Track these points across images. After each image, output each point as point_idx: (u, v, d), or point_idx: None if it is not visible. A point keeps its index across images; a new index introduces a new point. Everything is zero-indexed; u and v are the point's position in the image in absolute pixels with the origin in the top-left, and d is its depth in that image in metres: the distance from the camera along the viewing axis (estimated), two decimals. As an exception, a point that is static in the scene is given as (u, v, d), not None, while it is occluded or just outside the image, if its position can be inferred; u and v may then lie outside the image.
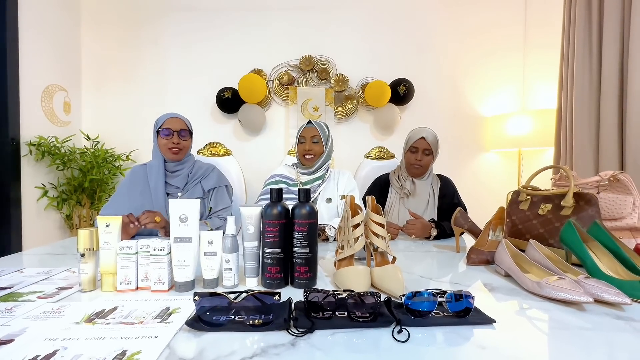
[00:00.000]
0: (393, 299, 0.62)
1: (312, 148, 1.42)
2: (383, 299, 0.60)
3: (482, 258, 0.94)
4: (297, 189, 1.33)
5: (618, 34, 1.73)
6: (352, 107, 2.58)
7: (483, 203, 2.07)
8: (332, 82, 2.57)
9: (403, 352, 0.48)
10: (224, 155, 1.87)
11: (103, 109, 2.60)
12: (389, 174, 1.60)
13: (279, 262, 0.74)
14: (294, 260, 0.75)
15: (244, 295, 0.58)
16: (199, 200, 0.77)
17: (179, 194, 1.31)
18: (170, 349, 0.49)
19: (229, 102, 2.49)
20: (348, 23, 2.61)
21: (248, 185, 1.95)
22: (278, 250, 0.74)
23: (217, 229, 1.23)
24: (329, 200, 1.43)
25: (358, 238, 0.80)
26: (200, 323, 0.55)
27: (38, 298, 0.67)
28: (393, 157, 2.00)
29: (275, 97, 2.62)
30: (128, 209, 1.25)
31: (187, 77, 2.60)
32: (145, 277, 0.73)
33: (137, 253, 0.72)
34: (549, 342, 0.52)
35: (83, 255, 0.71)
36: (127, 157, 2.50)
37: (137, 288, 0.73)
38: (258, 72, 2.56)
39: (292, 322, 0.55)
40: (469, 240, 1.29)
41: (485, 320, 0.57)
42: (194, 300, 0.56)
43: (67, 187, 2.33)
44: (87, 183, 2.25)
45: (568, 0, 2.00)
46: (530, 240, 0.85)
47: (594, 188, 1.06)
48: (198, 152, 1.87)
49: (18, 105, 2.07)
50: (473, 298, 0.58)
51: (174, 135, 1.31)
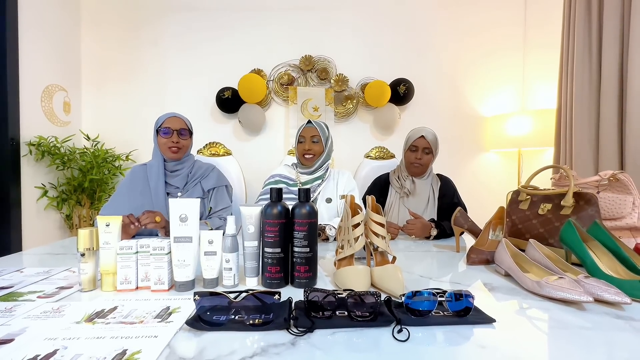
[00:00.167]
0: (393, 299, 0.62)
1: (311, 148, 1.42)
2: (383, 299, 0.60)
3: (482, 258, 0.94)
4: (297, 189, 1.34)
5: (618, 34, 1.73)
6: (352, 107, 2.58)
7: (483, 203, 2.07)
8: (332, 82, 2.57)
9: (403, 351, 0.48)
10: (224, 155, 1.88)
11: (103, 109, 2.60)
12: (389, 174, 1.60)
13: (279, 261, 0.74)
14: (294, 260, 0.75)
15: (244, 295, 0.58)
16: (199, 200, 0.77)
17: (179, 194, 1.31)
18: (171, 349, 0.49)
19: (229, 102, 2.49)
20: (348, 23, 2.61)
21: (248, 185, 1.95)
22: (278, 250, 0.74)
23: (217, 229, 1.24)
24: (329, 200, 1.43)
25: (358, 238, 0.80)
26: (201, 322, 0.55)
27: (38, 298, 0.67)
28: (393, 157, 2.00)
29: (275, 97, 2.62)
30: (128, 209, 1.25)
31: (187, 77, 2.60)
32: (145, 276, 0.73)
33: (137, 253, 0.72)
34: (549, 341, 0.53)
35: (83, 255, 0.71)
36: (127, 157, 2.50)
37: (137, 288, 0.73)
38: (258, 72, 2.56)
39: (292, 321, 0.55)
40: (469, 240, 1.29)
41: (485, 320, 0.57)
42: (194, 300, 0.56)
43: (67, 187, 2.33)
44: (87, 183, 2.25)
45: (568, 0, 2.00)
46: (530, 240, 0.85)
47: (594, 188, 1.06)
48: (198, 152, 1.87)
49: (18, 105, 2.07)
50: (473, 297, 0.58)
51: (174, 135, 1.31)
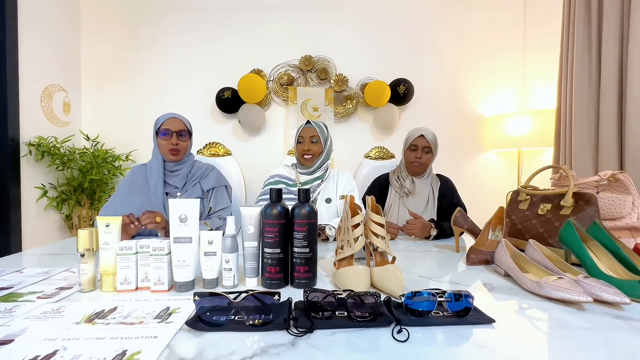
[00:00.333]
0: (393, 299, 0.62)
1: (310, 148, 1.42)
2: (383, 299, 0.60)
3: (481, 258, 0.94)
4: (296, 189, 1.34)
5: (617, 34, 1.73)
6: (351, 107, 2.58)
7: (482, 203, 2.07)
8: (331, 82, 2.57)
9: (403, 351, 0.48)
10: (224, 156, 1.88)
11: (103, 109, 2.60)
12: (389, 174, 1.60)
13: (279, 262, 0.74)
14: (294, 260, 0.75)
15: (244, 295, 0.58)
16: (199, 201, 0.77)
17: (178, 194, 1.31)
18: (170, 349, 0.49)
19: (229, 102, 2.49)
20: (348, 23, 2.61)
21: (248, 186, 1.95)
22: (278, 250, 0.74)
23: (217, 229, 1.23)
24: (329, 201, 1.43)
25: (358, 238, 0.80)
26: (200, 323, 0.55)
27: (38, 298, 0.67)
28: (393, 157, 2.00)
29: (275, 97, 2.62)
30: (127, 209, 1.25)
31: (186, 77, 2.60)
32: (145, 277, 0.73)
33: (137, 253, 0.72)
34: (549, 341, 0.53)
35: (83, 256, 0.71)
36: (126, 157, 2.50)
37: (137, 288, 0.73)
38: (258, 72, 2.56)
39: (292, 322, 0.55)
40: (469, 240, 1.29)
41: (485, 320, 0.57)
42: (194, 300, 0.56)
43: (66, 187, 2.33)
44: (86, 183, 2.25)
45: (567, 1, 2.00)
46: (530, 240, 0.85)
47: (594, 188, 1.07)
48: (198, 152, 1.87)
49: (18, 106, 2.07)
50: (472, 298, 0.58)
51: (173, 136, 1.31)
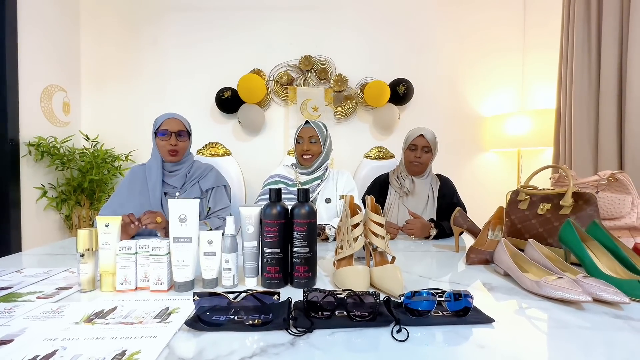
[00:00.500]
0: (392, 299, 0.62)
1: (310, 148, 1.42)
2: (382, 299, 0.60)
3: (481, 257, 0.94)
4: (296, 189, 1.34)
5: (617, 34, 1.73)
6: (351, 107, 2.58)
7: (482, 203, 2.07)
8: (331, 82, 2.57)
9: (402, 351, 0.48)
10: (224, 156, 1.88)
11: (102, 109, 2.60)
12: (388, 174, 1.60)
13: (279, 262, 0.74)
14: (294, 260, 0.75)
15: (244, 295, 0.58)
16: (198, 201, 0.77)
17: (177, 194, 1.31)
18: (170, 349, 0.49)
19: (229, 102, 2.49)
20: (347, 23, 2.61)
21: (247, 186, 1.95)
22: (277, 250, 0.74)
23: (216, 229, 1.23)
24: (328, 201, 1.43)
25: (357, 238, 0.80)
26: (200, 323, 0.55)
27: (37, 298, 0.67)
28: (392, 157, 2.00)
29: (275, 97, 2.62)
30: (127, 209, 1.25)
31: (186, 77, 2.60)
32: (145, 277, 0.73)
33: (136, 253, 0.72)
34: (548, 341, 0.53)
35: (82, 256, 0.71)
36: (126, 157, 2.49)
37: (136, 288, 0.73)
38: (257, 72, 2.56)
39: (291, 321, 0.55)
40: (468, 240, 1.29)
41: (484, 320, 0.57)
42: (194, 300, 0.56)
43: (66, 187, 2.33)
44: (86, 183, 2.25)
45: (567, 1, 2.00)
46: (529, 240, 0.85)
47: (593, 187, 1.07)
48: (197, 152, 1.87)
49: (17, 106, 2.07)
50: (472, 297, 0.58)
51: (172, 137, 1.30)
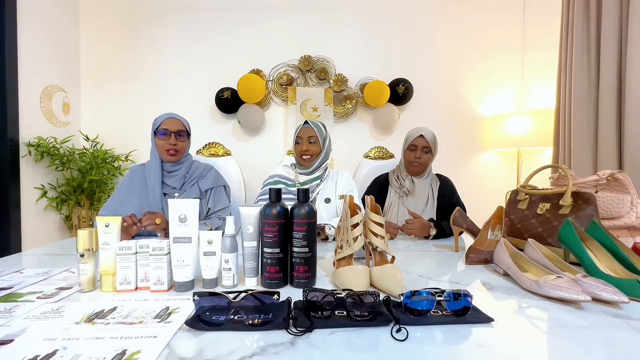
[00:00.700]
0: (392, 298, 0.62)
1: (309, 148, 1.42)
2: (382, 298, 0.60)
3: (480, 257, 0.94)
4: (295, 190, 1.34)
5: (616, 34, 1.73)
6: (351, 107, 2.58)
7: (482, 202, 2.07)
8: (331, 82, 2.57)
9: (402, 350, 0.49)
10: (223, 156, 1.88)
11: (102, 110, 2.60)
12: (388, 174, 1.60)
13: (278, 261, 0.74)
14: (293, 260, 0.75)
15: (243, 295, 0.58)
16: (198, 201, 0.77)
17: (176, 195, 1.31)
18: (170, 349, 0.49)
19: (228, 102, 2.49)
20: (347, 23, 2.61)
21: (247, 186, 1.95)
22: (277, 250, 0.74)
23: (216, 229, 1.24)
24: (328, 201, 1.43)
25: (357, 237, 0.80)
26: (200, 323, 0.55)
27: (38, 298, 0.67)
28: (392, 157, 2.01)
29: (275, 97, 2.62)
30: (127, 209, 1.25)
31: (186, 77, 2.60)
32: (145, 277, 0.73)
33: (136, 253, 0.73)
34: (547, 340, 0.53)
35: (82, 256, 0.71)
36: (126, 157, 2.49)
37: (136, 288, 0.73)
38: (257, 72, 2.56)
39: (291, 321, 0.55)
40: (468, 240, 1.30)
41: (484, 319, 0.57)
42: (194, 300, 0.56)
43: (66, 187, 2.33)
44: (86, 184, 2.25)
45: (566, 1, 2.01)
46: (529, 240, 0.85)
47: (592, 187, 1.07)
48: (197, 152, 1.88)
49: (17, 106, 2.07)
50: (471, 297, 0.58)
51: (171, 137, 1.30)
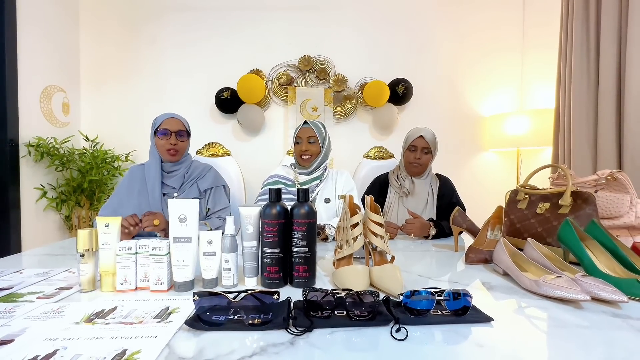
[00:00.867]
0: (391, 298, 0.62)
1: (308, 148, 1.42)
2: (382, 298, 0.60)
3: (480, 257, 0.94)
4: (295, 189, 1.34)
5: (616, 34, 1.74)
6: (350, 107, 2.58)
7: (482, 202, 2.07)
8: (330, 82, 2.57)
9: (401, 350, 0.49)
10: (223, 156, 1.88)
11: (102, 110, 2.60)
12: (388, 174, 1.60)
13: (278, 261, 0.74)
14: (293, 260, 0.75)
15: (243, 295, 0.58)
16: (198, 201, 0.77)
17: (175, 195, 1.31)
18: (170, 349, 0.49)
19: (228, 102, 2.49)
20: (347, 23, 2.61)
21: (247, 186, 1.95)
22: (277, 250, 0.74)
23: (216, 229, 1.24)
24: (327, 201, 1.43)
25: (357, 237, 0.80)
26: (200, 322, 0.55)
27: (38, 298, 0.67)
28: (392, 156, 2.01)
29: (274, 97, 2.62)
30: (126, 209, 1.25)
31: (185, 77, 2.60)
32: (145, 277, 0.73)
33: (136, 253, 0.73)
34: (547, 340, 0.53)
35: (82, 256, 0.71)
36: (126, 157, 2.49)
37: (136, 288, 0.73)
38: (257, 72, 2.56)
39: (291, 321, 0.55)
40: (468, 240, 1.30)
41: (483, 319, 0.58)
42: (194, 300, 0.57)
43: (66, 188, 2.32)
44: (86, 184, 2.25)
45: (566, 1, 2.01)
46: (528, 239, 0.85)
47: (592, 187, 1.07)
48: (197, 152, 1.88)
49: (17, 106, 2.07)
50: (471, 296, 0.59)
51: (172, 137, 1.30)
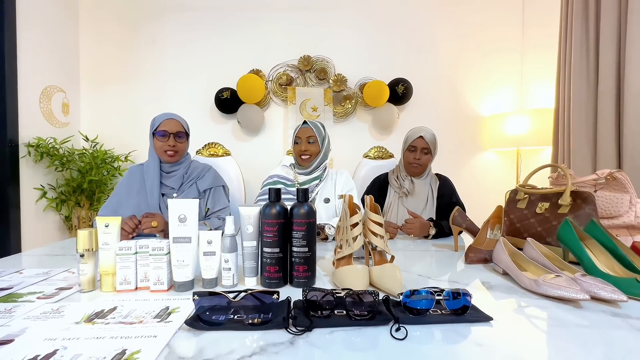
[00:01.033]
0: (391, 298, 0.62)
1: (308, 148, 1.42)
2: (381, 298, 0.60)
3: (480, 257, 0.95)
4: (295, 189, 1.34)
5: (615, 34, 1.74)
6: (350, 107, 2.58)
7: (481, 202, 2.07)
8: (330, 82, 2.57)
9: (401, 349, 0.49)
10: (223, 156, 1.88)
11: (102, 110, 2.60)
12: (388, 174, 1.60)
13: (278, 261, 0.74)
14: (293, 260, 0.75)
15: (243, 295, 0.58)
16: (198, 201, 0.77)
17: (174, 195, 1.31)
18: (170, 348, 0.49)
19: (228, 102, 2.49)
20: (346, 23, 2.61)
21: (247, 186, 1.95)
22: (277, 250, 0.74)
23: (216, 229, 1.24)
24: (327, 201, 1.43)
25: (356, 237, 0.80)
26: (200, 322, 0.55)
27: (38, 299, 0.67)
28: (392, 156, 2.01)
29: (274, 97, 2.62)
30: (126, 209, 1.25)
31: (185, 77, 2.60)
32: (145, 277, 0.73)
33: (136, 253, 0.73)
34: (546, 339, 0.53)
35: (82, 256, 0.71)
36: (125, 157, 2.49)
37: (136, 288, 0.73)
38: (257, 72, 2.56)
39: (290, 320, 0.55)
40: (467, 239, 1.30)
41: (483, 318, 0.58)
42: (193, 300, 0.57)
43: (66, 188, 2.32)
44: (86, 184, 2.25)
45: (565, 1, 2.01)
46: (528, 239, 0.85)
47: (591, 186, 1.07)
48: (197, 152, 1.88)
49: (16, 107, 2.07)
50: (471, 296, 0.59)
51: (170, 138, 1.30)
